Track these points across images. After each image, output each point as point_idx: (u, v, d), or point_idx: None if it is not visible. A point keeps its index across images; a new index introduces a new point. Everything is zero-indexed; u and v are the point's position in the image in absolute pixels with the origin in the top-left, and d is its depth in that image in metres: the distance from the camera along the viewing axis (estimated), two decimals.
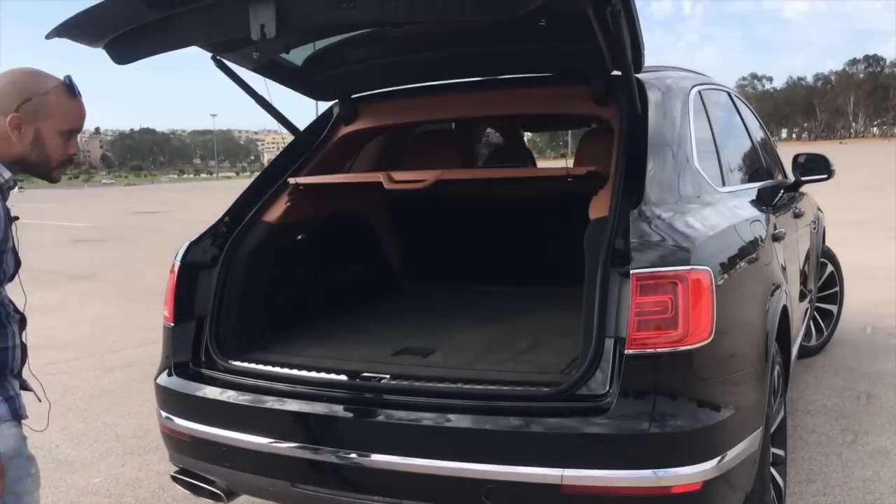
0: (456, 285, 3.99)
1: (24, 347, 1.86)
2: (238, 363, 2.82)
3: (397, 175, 3.11)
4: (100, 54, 2.41)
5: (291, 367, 2.74)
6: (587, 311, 2.41)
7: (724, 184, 3.23)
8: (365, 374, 2.66)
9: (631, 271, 2.31)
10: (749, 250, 2.83)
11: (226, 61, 2.92)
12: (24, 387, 1.92)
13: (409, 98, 3.39)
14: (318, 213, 3.49)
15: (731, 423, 2.36)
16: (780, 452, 3.06)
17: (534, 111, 3.09)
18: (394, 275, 4.05)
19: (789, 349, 3.36)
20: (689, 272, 2.31)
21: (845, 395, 4.78)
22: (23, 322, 1.89)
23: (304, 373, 2.69)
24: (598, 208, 2.62)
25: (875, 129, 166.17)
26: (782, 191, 4.32)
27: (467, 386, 2.47)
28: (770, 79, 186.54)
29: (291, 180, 3.19)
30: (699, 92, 3.38)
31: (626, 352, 2.28)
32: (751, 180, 3.87)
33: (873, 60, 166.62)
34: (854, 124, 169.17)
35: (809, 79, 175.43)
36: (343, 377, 2.66)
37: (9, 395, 1.77)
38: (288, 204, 3.20)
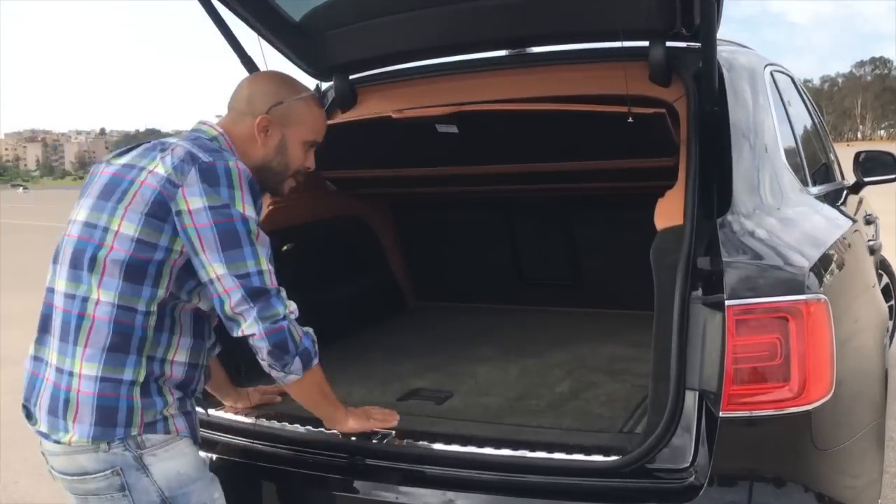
0: (472, 305, 3.37)
1: (208, 370, 1.82)
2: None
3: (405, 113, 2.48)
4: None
5: (264, 416, 2.12)
6: (660, 350, 1.79)
7: (810, 184, 2.60)
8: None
9: (726, 302, 1.68)
10: (859, 270, 2.21)
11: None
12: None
13: (417, 82, 2.77)
14: (309, 217, 2.88)
15: None
16: None
17: (571, 93, 2.47)
18: (399, 292, 3.42)
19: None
20: (806, 303, 1.69)
21: None
22: (213, 346, 1.84)
23: (279, 425, 2.06)
24: (668, 214, 1.99)
25: (882, 132, 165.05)
26: (845, 193, 3.69)
27: (500, 453, 1.85)
28: None
29: None
30: (771, 73, 2.76)
31: (720, 414, 1.66)
32: (826, 181, 3.24)
33: (880, 63, 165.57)
34: (861, 127, 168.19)
35: (816, 81, 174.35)
36: (333, 433, 2.04)
37: (186, 410, 1.66)
38: (271, 207, 2.60)
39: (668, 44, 2.29)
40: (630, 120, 2.12)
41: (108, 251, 1.55)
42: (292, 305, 1.64)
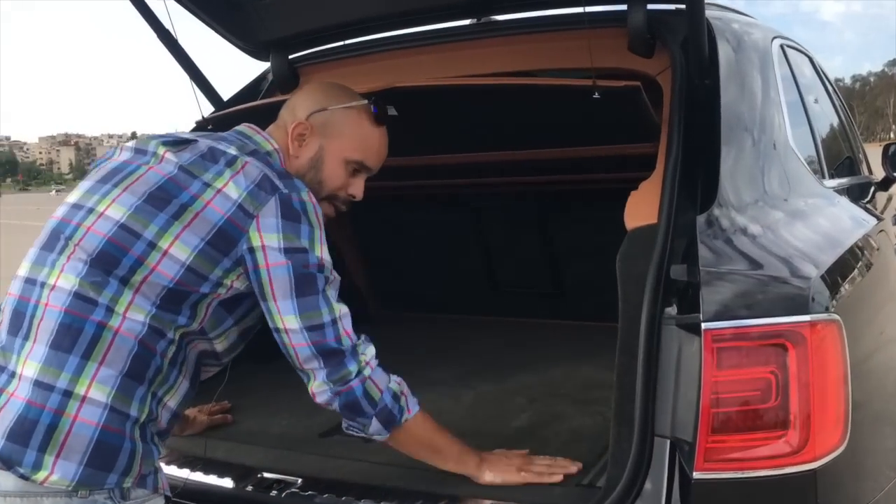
0: (441, 315, 2.96)
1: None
2: None
3: None
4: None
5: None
6: (624, 385, 1.40)
7: (827, 175, 2.18)
8: (264, 475, 1.67)
9: (702, 324, 1.28)
10: (886, 279, 1.78)
11: None
12: None
13: (366, 59, 2.39)
14: None
15: None
16: None
17: (539, 68, 2.07)
18: (359, 300, 3.03)
19: None
20: (811, 326, 1.28)
21: None
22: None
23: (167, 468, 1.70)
24: (640, 210, 1.59)
25: None
26: (872, 189, 3.24)
27: None
28: None
29: None
30: (781, 46, 2.34)
31: (694, 474, 1.25)
32: (848, 174, 2.81)
33: None
34: (894, 125, 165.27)
35: (848, 81, 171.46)
36: (226, 480, 1.67)
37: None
38: None
39: (651, 6, 1.90)
40: (596, 95, 1.71)
41: (150, 272, 1.32)
42: (369, 354, 1.46)
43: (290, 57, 2.47)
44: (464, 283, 2.91)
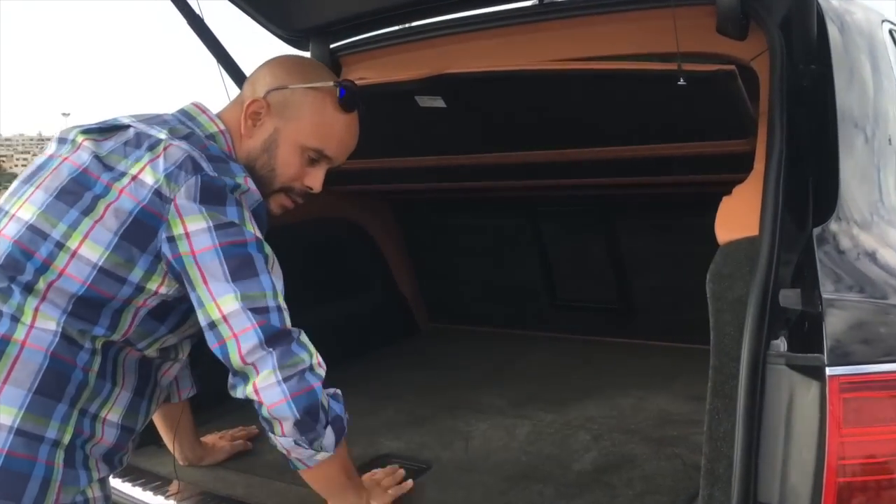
0: (494, 329, 2.70)
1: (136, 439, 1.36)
2: None
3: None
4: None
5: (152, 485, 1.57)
6: (717, 437, 1.14)
7: None
8: None
9: (826, 368, 1.01)
10: None
11: None
12: None
13: (416, 46, 2.15)
14: (278, 217, 2.29)
15: None
16: None
17: (611, 54, 1.80)
18: (406, 312, 2.79)
19: None
20: None
21: None
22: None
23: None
24: (735, 220, 1.31)
25: None
26: None
27: None
28: None
29: None
30: (891, 32, 2.02)
31: None
32: None
33: None
34: None
35: None
36: None
37: (107, 495, 1.27)
38: None
39: None
40: (682, 82, 1.44)
41: (57, 276, 1.17)
42: (318, 356, 1.25)
43: (332, 46, 2.26)
44: (520, 296, 2.64)
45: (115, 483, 1.71)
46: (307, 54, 2.28)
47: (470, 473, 1.63)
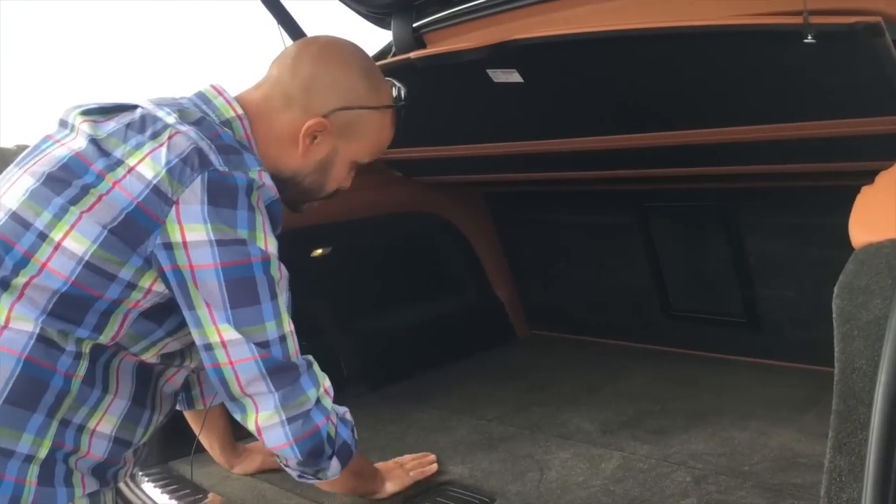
0: (599, 339, 2.41)
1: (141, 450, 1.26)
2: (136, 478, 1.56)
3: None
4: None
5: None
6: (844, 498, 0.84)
7: None
8: None
9: None
10: None
11: None
12: None
13: (511, 16, 1.91)
14: (361, 210, 2.13)
15: None
16: None
17: (719, 13, 1.48)
18: (502, 317, 2.55)
19: None
20: None
21: None
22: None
23: None
24: (876, 218, 0.99)
25: None
26: None
27: None
28: None
29: None
30: None
31: None
32: None
33: None
34: None
35: None
36: None
37: None
38: None
39: None
40: (809, 39, 1.13)
41: (38, 271, 1.06)
42: (326, 381, 1.21)
43: (415, 25, 2.06)
44: (627, 303, 2.33)
45: (147, 488, 1.61)
46: (388, 33, 2.11)
47: None
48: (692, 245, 2.14)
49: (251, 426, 1.13)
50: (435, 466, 1.57)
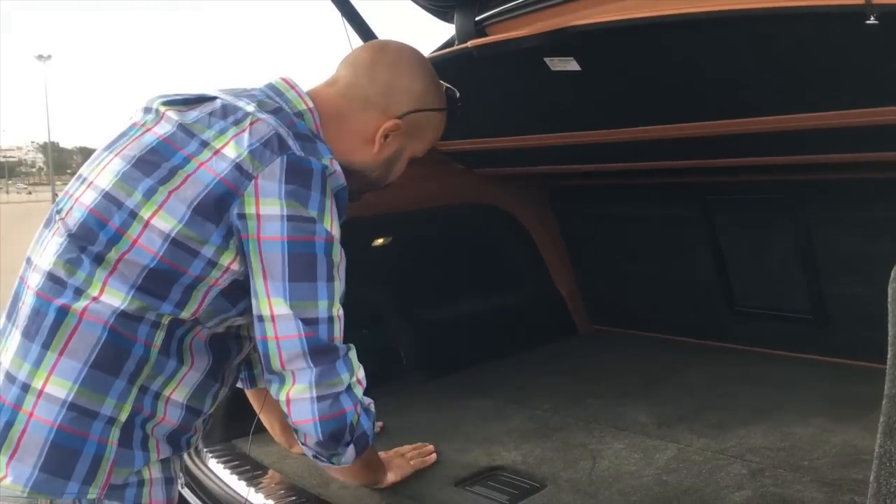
0: (662, 335, 2.38)
1: (208, 420, 1.31)
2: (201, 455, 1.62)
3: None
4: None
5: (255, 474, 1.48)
6: (880, 497, 0.82)
7: None
8: None
9: None
10: None
11: None
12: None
13: (564, 8, 1.91)
14: (422, 201, 2.16)
15: None
16: None
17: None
18: (563, 312, 2.54)
19: None
20: None
21: None
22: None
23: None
24: None
25: None
26: None
27: None
28: None
29: None
30: None
31: None
32: None
33: None
34: None
35: None
36: None
37: (170, 476, 1.23)
38: None
39: None
40: (872, 20, 1.11)
41: (129, 247, 1.12)
42: (361, 371, 1.22)
43: (478, 18, 2.08)
44: (691, 298, 2.30)
45: (211, 462, 1.67)
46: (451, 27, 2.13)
47: (586, 499, 1.37)
48: (757, 239, 2.10)
49: (282, 397, 1.16)
50: (434, 457, 1.59)
